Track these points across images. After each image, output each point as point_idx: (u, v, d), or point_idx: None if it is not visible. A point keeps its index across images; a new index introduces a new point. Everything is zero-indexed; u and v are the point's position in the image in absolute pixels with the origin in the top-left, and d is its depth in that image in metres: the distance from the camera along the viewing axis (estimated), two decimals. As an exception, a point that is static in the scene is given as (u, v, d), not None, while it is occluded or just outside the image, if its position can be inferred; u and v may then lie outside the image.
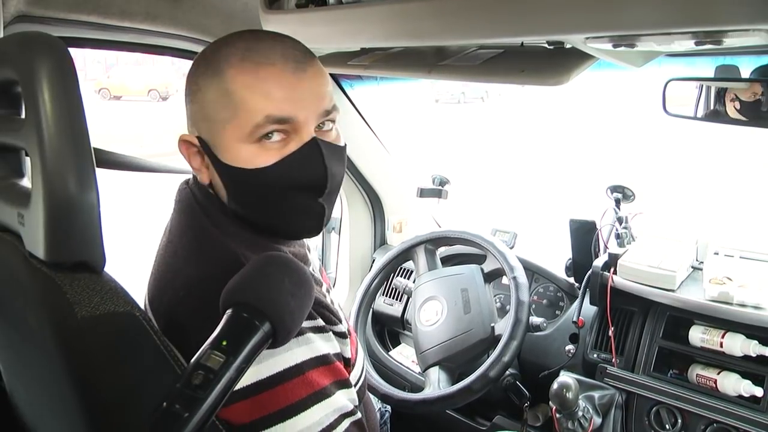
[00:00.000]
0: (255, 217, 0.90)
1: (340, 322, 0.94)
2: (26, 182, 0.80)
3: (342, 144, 0.93)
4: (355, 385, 0.95)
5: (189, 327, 0.82)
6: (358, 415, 0.88)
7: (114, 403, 0.72)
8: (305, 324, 0.83)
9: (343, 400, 0.85)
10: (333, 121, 0.91)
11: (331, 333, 0.89)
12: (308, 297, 0.69)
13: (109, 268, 0.75)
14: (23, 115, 0.71)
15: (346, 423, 0.84)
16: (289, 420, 0.78)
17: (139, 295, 0.93)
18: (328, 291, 1.05)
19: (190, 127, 0.92)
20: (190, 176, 0.97)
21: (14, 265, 0.75)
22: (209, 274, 0.84)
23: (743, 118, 1.22)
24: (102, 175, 0.73)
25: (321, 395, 0.81)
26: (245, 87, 0.83)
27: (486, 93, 18.58)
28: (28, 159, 0.72)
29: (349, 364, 0.94)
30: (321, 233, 2.20)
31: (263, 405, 0.78)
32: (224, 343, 0.59)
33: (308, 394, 0.80)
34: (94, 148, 0.70)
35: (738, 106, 1.22)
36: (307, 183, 0.87)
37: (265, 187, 0.86)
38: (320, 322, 0.87)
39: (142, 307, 0.91)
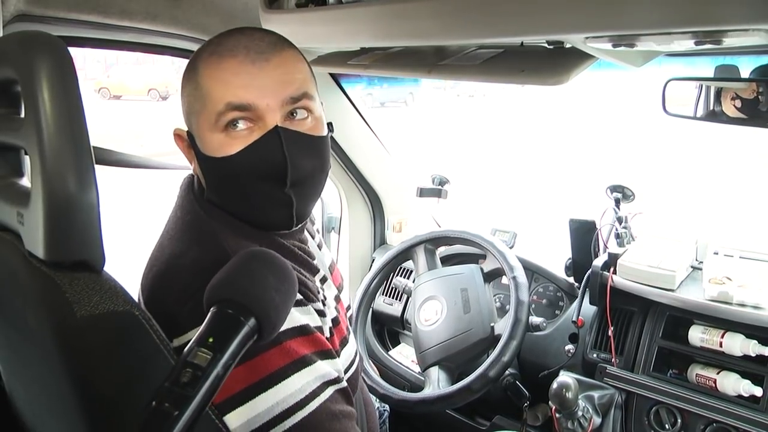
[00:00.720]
0: (230, 207, 0.93)
1: (320, 302, 0.97)
2: (26, 181, 0.80)
3: (318, 134, 0.93)
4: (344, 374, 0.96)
5: (164, 300, 0.84)
6: (344, 383, 0.89)
7: (113, 401, 0.72)
8: None
9: (326, 368, 0.86)
10: (307, 110, 0.91)
11: (310, 307, 0.91)
12: (292, 292, 0.70)
13: (108, 268, 0.75)
14: (23, 114, 0.71)
15: (330, 390, 0.85)
16: (270, 389, 0.79)
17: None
18: (323, 280, 1.05)
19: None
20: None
21: (14, 265, 0.75)
22: (187, 252, 0.88)
23: (742, 116, 1.22)
24: (102, 174, 0.73)
25: (300, 363, 0.83)
26: (210, 78, 0.88)
27: (411, 95, 17.82)
28: (27, 158, 0.72)
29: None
30: (320, 232, 2.23)
31: (242, 377, 0.79)
32: (211, 340, 0.60)
33: (287, 363, 0.81)
34: (94, 147, 0.70)
35: (738, 105, 1.22)
36: (268, 171, 0.88)
37: (232, 176, 0.89)
38: (298, 296, 0.88)
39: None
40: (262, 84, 0.86)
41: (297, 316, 0.86)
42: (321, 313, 0.95)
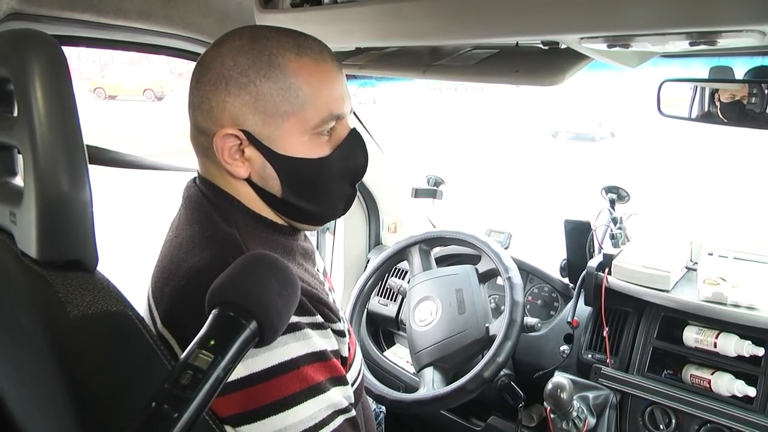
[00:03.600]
0: (306, 205, 0.94)
1: (340, 320, 0.94)
2: (18, 180, 0.80)
3: None
4: (352, 385, 0.95)
5: (185, 316, 0.82)
6: (353, 413, 0.88)
7: (105, 402, 0.71)
8: (304, 320, 0.83)
9: (338, 397, 0.85)
10: None
11: (329, 330, 0.89)
12: (294, 296, 0.69)
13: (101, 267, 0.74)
14: (15, 113, 0.71)
15: (339, 420, 0.84)
16: (281, 413, 0.78)
17: (132, 295, 0.93)
18: (330, 290, 1.05)
19: (224, 120, 0.87)
20: (193, 174, 0.98)
21: (6, 264, 0.75)
22: (212, 265, 0.83)
23: (736, 119, 1.23)
24: (95, 174, 0.73)
25: (315, 390, 0.81)
26: (310, 84, 0.87)
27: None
28: (20, 157, 0.72)
29: (345, 363, 0.94)
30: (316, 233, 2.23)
31: (256, 397, 0.78)
32: (212, 342, 0.59)
33: (302, 388, 0.80)
34: (88, 146, 0.70)
35: (718, 105, 1.23)
36: (354, 169, 0.96)
37: (324, 176, 0.92)
38: (319, 318, 0.87)
39: (145, 300, 0.91)
40: (345, 93, 0.92)
41: (317, 341, 0.84)
42: (341, 333, 0.93)
